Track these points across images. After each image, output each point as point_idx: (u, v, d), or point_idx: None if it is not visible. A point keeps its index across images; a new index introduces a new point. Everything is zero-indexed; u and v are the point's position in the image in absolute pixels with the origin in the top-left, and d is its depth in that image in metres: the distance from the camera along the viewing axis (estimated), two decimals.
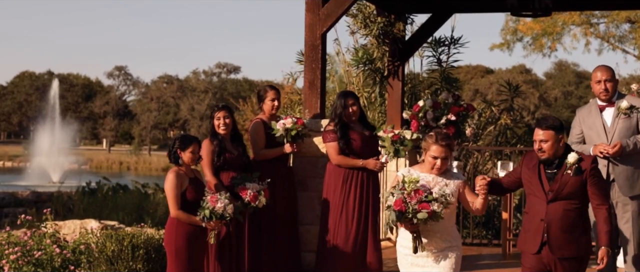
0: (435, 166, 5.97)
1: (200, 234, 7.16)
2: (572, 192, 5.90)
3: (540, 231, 5.96)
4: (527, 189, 6.13)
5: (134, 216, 17.22)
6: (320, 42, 8.66)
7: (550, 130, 5.95)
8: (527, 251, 6.08)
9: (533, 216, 6.04)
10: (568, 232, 5.93)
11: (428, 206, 5.67)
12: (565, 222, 5.93)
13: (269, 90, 8.37)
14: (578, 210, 5.98)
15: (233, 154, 7.94)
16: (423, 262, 6.03)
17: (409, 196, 5.67)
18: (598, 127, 7.43)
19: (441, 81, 11.67)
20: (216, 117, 7.97)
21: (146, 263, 8.32)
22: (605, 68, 7.59)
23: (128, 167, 69.26)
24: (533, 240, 6.00)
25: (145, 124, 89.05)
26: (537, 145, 5.97)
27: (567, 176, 5.88)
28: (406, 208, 5.65)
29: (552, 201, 5.92)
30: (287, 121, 8.00)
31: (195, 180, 7.24)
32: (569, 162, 5.88)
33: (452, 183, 6.03)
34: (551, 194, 5.92)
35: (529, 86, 64.29)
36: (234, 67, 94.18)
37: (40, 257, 8.68)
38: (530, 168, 6.06)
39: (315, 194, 8.51)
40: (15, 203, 22.18)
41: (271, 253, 8.17)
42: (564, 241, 5.93)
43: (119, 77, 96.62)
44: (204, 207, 7.02)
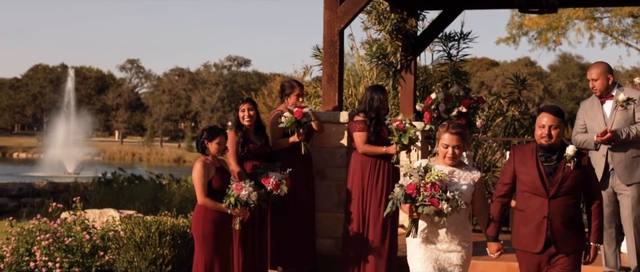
0: (447, 154, 5.92)
1: (226, 220, 7.60)
2: (573, 186, 5.80)
3: (544, 229, 5.82)
4: (521, 186, 5.92)
5: (149, 206, 17.62)
6: (338, 38, 9.09)
7: (558, 117, 5.85)
8: (527, 250, 5.92)
9: (532, 213, 5.86)
10: (569, 227, 5.84)
11: (438, 203, 5.63)
12: (567, 217, 5.82)
13: (295, 87, 8.76)
14: (576, 205, 5.90)
15: (256, 144, 8.35)
16: (436, 255, 5.97)
17: (424, 187, 5.64)
18: (599, 119, 7.83)
19: (451, 75, 12.08)
20: (241, 110, 8.36)
21: (172, 249, 8.74)
22: (597, 65, 7.98)
23: (140, 158, 69.79)
24: (535, 238, 5.86)
25: (157, 116, 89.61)
26: (546, 130, 5.81)
27: (568, 169, 5.77)
28: (416, 195, 5.66)
29: (554, 196, 5.79)
30: (286, 114, 8.33)
31: (221, 169, 7.67)
32: (568, 154, 5.77)
33: (468, 177, 5.98)
34: (553, 188, 5.78)
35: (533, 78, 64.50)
36: (245, 60, 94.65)
37: (71, 243, 9.13)
38: (524, 163, 5.90)
39: (333, 183, 8.96)
40: (33, 193, 22.56)
41: (290, 239, 8.62)
42: (567, 236, 5.84)
43: (131, 70, 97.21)
44: (230, 195, 7.48)
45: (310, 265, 8.70)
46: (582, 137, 7.94)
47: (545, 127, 5.82)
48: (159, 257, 8.66)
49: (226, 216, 7.56)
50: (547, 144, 5.82)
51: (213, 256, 7.53)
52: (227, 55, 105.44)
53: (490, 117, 12.66)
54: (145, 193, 20.04)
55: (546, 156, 5.84)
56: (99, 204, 16.77)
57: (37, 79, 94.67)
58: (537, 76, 70.35)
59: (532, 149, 5.93)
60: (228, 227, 7.65)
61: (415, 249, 6.03)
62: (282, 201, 8.26)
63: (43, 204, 20.41)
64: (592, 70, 7.95)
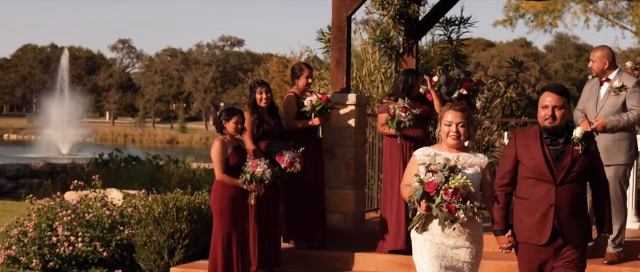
0: (451, 132, 5.55)
1: (242, 196, 8.07)
2: (581, 171, 5.39)
3: (550, 219, 5.38)
4: (524, 172, 5.47)
5: (147, 186, 18.02)
6: (345, 24, 9.54)
7: (563, 96, 5.43)
8: (530, 243, 5.48)
9: (537, 201, 5.41)
10: (577, 217, 5.43)
11: (455, 211, 5.28)
12: (574, 205, 5.39)
13: (304, 68, 9.20)
14: (583, 193, 5.51)
15: (270, 124, 8.80)
16: (443, 252, 5.58)
17: (445, 191, 5.28)
18: (593, 100, 8.33)
19: (452, 58, 12.54)
20: (258, 92, 8.78)
21: (189, 223, 9.19)
22: (599, 48, 8.50)
23: (133, 139, 70.18)
24: (540, 229, 5.41)
25: (149, 97, 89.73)
26: (549, 111, 5.37)
27: (577, 152, 5.36)
28: (434, 195, 5.31)
29: (561, 183, 5.35)
30: (313, 98, 8.83)
31: (238, 147, 8.14)
32: (576, 137, 5.37)
33: (475, 163, 5.63)
34: (560, 174, 5.34)
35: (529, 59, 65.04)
36: (238, 40, 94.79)
37: (91, 219, 9.59)
38: (527, 147, 5.46)
39: (341, 161, 9.44)
40: (31, 174, 22.98)
41: (301, 214, 9.09)
42: (574, 226, 5.42)
43: (123, 50, 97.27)
44: (245, 171, 7.96)
45: (320, 239, 9.18)
46: (575, 115, 8.44)
47: (549, 108, 5.37)
48: (176, 231, 9.11)
49: (242, 191, 8.03)
50: (551, 126, 5.38)
51: (230, 229, 8.01)
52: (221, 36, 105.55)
53: (489, 99, 13.15)
54: (144, 174, 20.49)
55: (552, 139, 5.41)
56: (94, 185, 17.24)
57: (27, 60, 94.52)
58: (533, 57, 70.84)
59: (535, 131, 5.48)
60: (244, 202, 8.12)
61: (421, 246, 5.63)
62: (294, 178, 8.71)
63: (41, 184, 20.85)
64: (594, 52, 8.45)
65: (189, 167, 22.81)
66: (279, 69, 41.85)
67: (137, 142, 66.78)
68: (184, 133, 75.22)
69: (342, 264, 8.82)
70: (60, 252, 9.30)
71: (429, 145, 6.07)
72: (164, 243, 9.09)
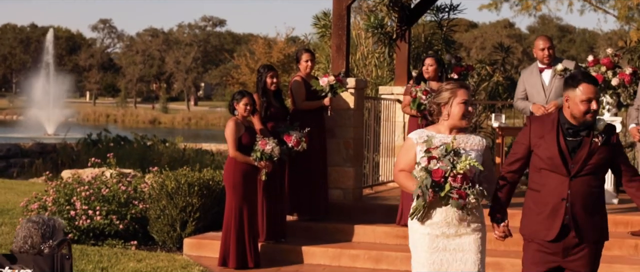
0: (464, 112, 5.24)
1: (253, 172, 8.77)
2: (599, 164, 5.04)
3: (561, 213, 5.04)
4: (538, 162, 5.12)
5: (138, 165, 18.54)
6: (345, 12, 10.22)
7: (598, 86, 5.08)
8: (538, 238, 5.13)
9: (549, 194, 5.06)
10: (591, 214, 5.07)
11: (465, 196, 4.98)
12: (589, 201, 5.04)
13: (303, 52, 9.85)
14: (600, 188, 5.14)
15: (276, 107, 9.47)
16: (444, 244, 5.25)
17: (453, 177, 4.97)
18: (538, 86, 9.08)
19: (442, 43, 13.26)
20: (269, 76, 9.41)
21: (199, 198, 9.86)
22: (547, 38, 9.32)
23: (115, 119, 70.42)
24: (549, 224, 5.07)
25: (131, 77, 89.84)
26: (594, 105, 4.99)
27: (595, 144, 5.01)
28: (444, 183, 5.00)
29: (576, 175, 5.00)
30: (330, 78, 9.51)
31: (250, 128, 8.83)
32: (598, 129, 5.02)
33: (475, 144, 5.30)
34: (575, 166, 5.00)
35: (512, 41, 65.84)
36: (219, 20, 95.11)
37: (107, 194, 10.23)
38: (542, 137, 5.09)
39: (341, 140, 10.15)
40: (21, 154, 23.38)
41: (305, 189, 9.78)
42: (588, 224, 5.06)
43: (104, 30, 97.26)
44: (256, 149, 8.67)
45: (322, 212, 9.88)
46: (522, 104, 9.22)
47: (592, 101, 5.00)
48: (188, 205, 9.77)
49: (253, 167, 8.73)
50: (591, 120, 5.02)
51: (242, 202, 8.69)
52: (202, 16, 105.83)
53: (477, 83, 13.90)
54: (134, 153, 20.93)
55: (574, 130, 5.06)
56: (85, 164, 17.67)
57: (7, 39, 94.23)
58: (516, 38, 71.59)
59: (553, 120, 5.12)
60: (254, 178, 8.82)
61: (419, 237, 5.30)
62: (300, 156, 9.40)
63: (32, 164, 21.35)
64: (546, 40, 9.23)
65: (177, 147, 23.31)
66: (265, 50, 42.62)
67: (119, 123, 67.06)
68: (166, 113, 75.64)
69: (343, 235, 9.51)
70: (79, 225, 9.92)
71: None
72: (176, 216, 9.75)
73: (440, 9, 13.37)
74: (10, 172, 21.49)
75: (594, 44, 68.06)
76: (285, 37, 43.56)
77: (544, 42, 9.15)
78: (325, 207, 9.92)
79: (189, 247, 9.45)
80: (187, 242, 9.50)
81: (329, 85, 9.50)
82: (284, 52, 40.70)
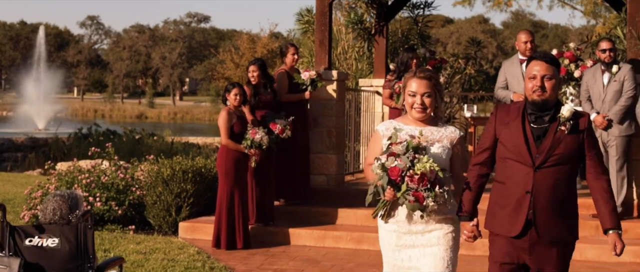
0: (415, 104, 4.90)
1: (244, 159, 9.52)
2: (566, 154, 4.63)
3: (525, 207, 4.67)
4: (503, 152, 4.78)
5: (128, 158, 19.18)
6: (328, 9, 10.99)
7: (553, 65, 4.71)
8: (501, 234, 4.77)
9: (513, 187, 4.71)
10: (558, 209, 4.67)
11: (423, 200, 4.64)
12: (555, 195, 4.65)
13: (289, 47, 10.58)
14: (570, 180, 4.72)
15: (267, 96, 10.18)
16: (412, 241, 4.96)
17: (411, 177, 4.63)
18: (518, 77, 9.78)
19: (418, 38, 14.03)
20: (249, 70, 10.17)
21: (193, 184, 10.59)
22: (530, 32, 10.03)
23: (103, 114, 70.81)
24: (513, 219, 4.70)
25: (118, 73, 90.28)
26: (538, 81, 4.64)
27: (561, 132, 4.63)
28: (400, 182, 4.67)
29: (540, 166, 4.63)
30: (311, 73, 10.26)
31: (242, 117, 9.57)
32: (564, 115, 4.63)
33: (445, 137, 4.97)
34: (540, 156, 4.64)
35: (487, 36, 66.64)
36: (204, 16, 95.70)
37: (106, 181, 10.95)
38: (507, 124, 4.76)
39: (324, 129, 10.93)
40: (14, 148, 24.02)
41: (290, 176, 10.53)
42: (554, 219, 4.67)
43: (92, 26, 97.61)
44: (247, 138, 9.42)
45: (305, 197, 10.64)
46: (502, 93, 9.94)
47: (537, 78, 4.67)
48: (182, 191, 10.50)
49: (244, 155, 9.48)
50: (541, 100, 4.67)
51: (233, 187, 9.44)
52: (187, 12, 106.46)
53: (450, 75, 14.69)
54: (124, 146, 21.54)
55: (537, 115, 4.71)
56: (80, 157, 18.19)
57: None
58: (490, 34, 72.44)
59: (519, 107, 4.80)
60: (245, 165, 9.57)
61: (386, 235, 5.03)
62: (284, 144, 10.13)
63: (25, 158, 22.00)
64: (528, 34, 9.95)
65: (165, 140, 23.97)
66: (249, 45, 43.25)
67: (107, 117, 67.45)
68: (153, 108, 76.17)
69: (327, 218, 10.28)
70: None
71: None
72: (172, 202, 10.48)
73: (415, 5, 14.13)
74: (5, 166, 22.11)
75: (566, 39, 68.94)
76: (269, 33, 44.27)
77: (526, 36, 9.85)
78: (306, 192, 10.66)
79: (183, 231, 10.19)
80: (182, 225, 10.24)
81: (310, 79, 10.24)
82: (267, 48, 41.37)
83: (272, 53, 39.71)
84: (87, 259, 4.64)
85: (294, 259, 8.99)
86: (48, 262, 4.57)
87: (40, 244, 4.63)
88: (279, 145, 10.04)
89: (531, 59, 4.75)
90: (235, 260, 8.87)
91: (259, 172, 9.94)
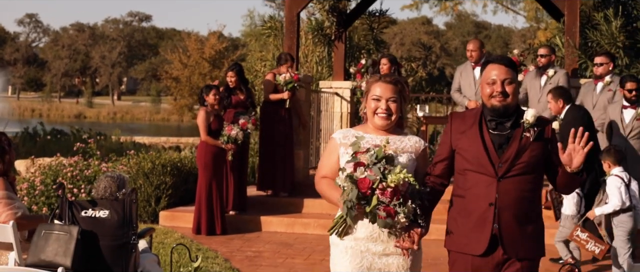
0: (379, 109, 4.49)
1: (221, 153, 10.47)
2: (532, 163, 4.33)
3: (489, 221, 4.34)
4: (461, 163, 4.45)
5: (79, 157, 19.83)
6: (296, 19, 12.02)
7: (511, 68, 4.42)
8: (465, 252, 4.41)
9: (474, 200, 4.37)
10: (523, 223, 4.36)
11: (394, 214, 4.19)
12: (521, 207, 4.34)
13: (288, 59, 11.37)
14: (534, 192, 4.42)
15: (238, 97, 11.14)
16: (368, 262, 4.47)
17: (382, 191, 4.18)
18: (470, 81, 10.86)
19: (373, 43, 15.15)
20: (228, 75, 11.16)
21: (171, 177, 11.50)
22: (474, 41, 11.09)
23: (40, 114, 70.48)
24: (476, 235, 4.37)
25: (56, 71, 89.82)
26: (498, 86, 4.34)
27: (526, 139, 4.33)
28: (371, 195, 4.21)
29: (504, 176, 4.31)
30: (287, 76, 11.24)
31: (218, 116, 10.52)
32: (528, 121, 4.34)
33: (409, 147, 4.52)
34: (503, 166, 4.31)
35: (430, 37, 68.10)
36: (146, 15, 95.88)
37: (90, 174, 11.79)
38: (464, 133, 4.44)
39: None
40: None
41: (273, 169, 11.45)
42: (519, 234, 4.36)
43: (30, 24, 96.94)
44: (224, 134, 10.39)
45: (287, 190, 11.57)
46: (459, 98, 10.96)
47: (497, 83, 4.35)
48: (162, 183, 11.41)
49: (221, 150, 10.44)
50: (502, 106, 4.37)
51: (212, 179, 10.37)
52: (129, 11, 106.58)
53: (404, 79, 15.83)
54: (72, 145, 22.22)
55: (498, 122, 4.41)
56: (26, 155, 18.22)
57: None
58: (433, 35, 73.81)
59: (475, 114, 4.50)
60: (223, 158, 10.53)
61: (340, 255, 4.52)
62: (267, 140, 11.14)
63: None
64: (471, 43, 11.04)
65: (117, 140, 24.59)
66: (197, 46, 44.09)
67: (44, 117, 67.06)
68: (91, 108, 76.16)
69: (295, 207, 11.30)
70: None
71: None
72: (152, 193, 11.36)
73: (371, 13, 15.24)
74: None
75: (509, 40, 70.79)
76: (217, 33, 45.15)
77: (470, 45, 10.99)
78: (291, 184, 11.62)
79: (163, 219, 11.10)
80: (162, 214, 11.14)
81: (286, 82, 11.22)
82: (215, 49, 42.27)
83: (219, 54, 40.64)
84: (131, 227, 5.58)
85: (268, 242, 9.96)
86: (100, 230, 5.51)
87: (93, 215, 5.57)
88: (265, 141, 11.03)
89: (487, 62, 4.46)
90: (216, 243, 9.80)
91: (235, 165, 10.89)
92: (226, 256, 9.10)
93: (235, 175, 10.97)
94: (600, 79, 9.85)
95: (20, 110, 71.74)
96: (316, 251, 9.47)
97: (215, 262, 8.60)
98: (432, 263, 8.55)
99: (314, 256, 9.21)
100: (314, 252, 9.42)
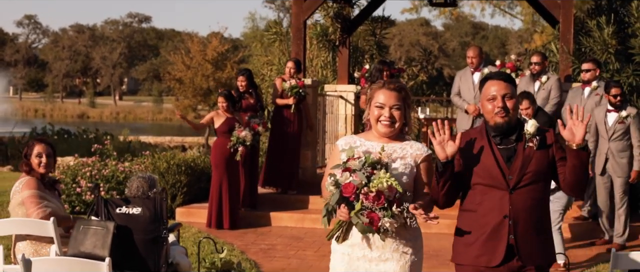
0: (382, 117, 4.50)
1: (233, 153, 11.08)
2: (538, 171, 4.44)
3: (504, 233, 4.43)
4: (473, 178, 4.50)
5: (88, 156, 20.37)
6: (302, 26, 12.66)
7: (511, 83, 4.53)
8: (479, 265, 4.48)
9: (487, 213, 4.45)
10: (536, 232, 4.48)
11: (378, 220, 4.22)
12: (533, 217, 4.45)
13: (288, 62, 12.05)
14: (544, 200, 4.56)
15: (249, 101, 11.79)
16: (364, 269, 4.52)
17: (365, 195, 4.21)
18: (469, 86, 11.38)
19: (376, 48, 15.79)
20: (238, 80, 11.83)
21: (186, 176, 12.13)
22: (474, 48, 11.64)
23: (43, 114, 70.92)
24: (491, 247, 4.43)
25: (57, 72, 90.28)
26: (500, 102, 4.44)
27: (530, 149, 4.45)
28: (354, 200, 4.25)
29: (515, 187, 4.42)
30: (291, 82, 11.85)
31: (229, 118, 11.14)
32: (529, 131, 4.47)
33: (409, 154, 4.51)
34: (513, 177, 4.42)
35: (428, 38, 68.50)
36: (145, 16, 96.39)
37: (107, 173, 12.43)
38: (470, 149, 4.51)
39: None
40: None
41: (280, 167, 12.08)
42: (533, 244, 4.46)
43: (29, 25, 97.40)
44: (234, 135, 11.02)
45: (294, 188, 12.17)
46: (459, 102, 11.46)
47: (497, 98, 4.45)
48: (177, 182, 12.04)
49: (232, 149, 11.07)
50: (505, 122, 4.47)
51: (224, 176, 11.01)
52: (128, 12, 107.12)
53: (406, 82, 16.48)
54: (81, 145, 22.80)
55: (502, 137, 4.52)
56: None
57: None
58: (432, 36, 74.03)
59: (479, 130, 4.59)
60: (234, 157, 11.15)
61: (338, 260, 4.61)
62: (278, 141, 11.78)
63: None
64: (471, 50, 11.57)
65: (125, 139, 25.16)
66: (200, 48, 44.62)
67: (48, 117, 67.49)
68: (94, 108, 76.66)
69: (303, 204, 11.91)
70: (85, 199, 12.10)
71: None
72: (168, 191, 11.96)
73: (374, 20, 15.88)
74: None
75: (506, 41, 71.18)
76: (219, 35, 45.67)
77: (470, 52, 11.52)
78: (297, 182, 12.23)
79: (180, 215, 11.71)
80: (179, 211, 11.76)
81: (290, 88, 11.81)
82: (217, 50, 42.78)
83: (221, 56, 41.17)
84: (162, 223, 6.20)
85: (280, 236, 10.61)
86: (134, 225, 6.13)
87: (127, 212, 6.19)
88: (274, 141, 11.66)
89: (486, 79, 4.55)
90: (231, 237, 10.44)
91: (246, 164, 11.53)
92: (241, 248, 9.77)
93: (246, 174, 11.60)
94: (587, 84, 10.43)
95: (24, 110, 72.10)
96: (326, 244, 9.87)
97: (232, 255, 9.25)
98: (433, 254, 9.17)
99: (323, 248, 9.83)
100: (323, 245, 10.01)
